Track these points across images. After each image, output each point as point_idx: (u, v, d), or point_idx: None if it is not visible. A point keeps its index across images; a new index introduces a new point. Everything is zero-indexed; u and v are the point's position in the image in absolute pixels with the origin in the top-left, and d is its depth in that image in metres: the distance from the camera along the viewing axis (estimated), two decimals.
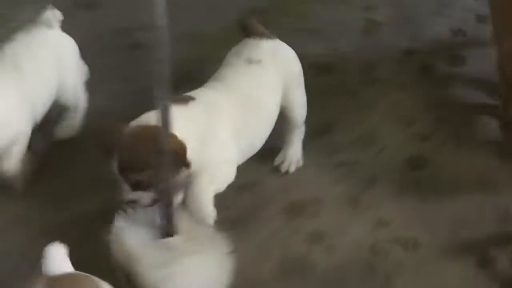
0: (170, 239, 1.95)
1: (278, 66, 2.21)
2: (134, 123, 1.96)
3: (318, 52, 2.83)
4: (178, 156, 1.89)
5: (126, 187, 1.92)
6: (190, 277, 1.92)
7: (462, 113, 2.57)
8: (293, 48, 2.70)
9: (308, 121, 2.43)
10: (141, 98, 2.07)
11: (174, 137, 1.86)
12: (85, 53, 2.51)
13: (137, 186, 1.91)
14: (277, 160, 2.31)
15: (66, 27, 2.49)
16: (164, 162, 1.79)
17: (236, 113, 2.05)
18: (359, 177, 2.33)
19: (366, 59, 2.82)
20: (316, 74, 2.71)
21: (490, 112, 2.54)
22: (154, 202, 1.92)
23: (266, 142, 2.13)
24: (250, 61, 2.17)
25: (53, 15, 2.37)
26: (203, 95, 2.11)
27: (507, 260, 1.98)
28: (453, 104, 2.62)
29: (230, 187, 2.03)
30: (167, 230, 1.93)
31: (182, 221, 2.00)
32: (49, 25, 2.35)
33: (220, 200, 2.01)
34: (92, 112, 2.50)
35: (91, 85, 2.46)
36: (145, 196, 1.93)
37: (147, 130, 1.90)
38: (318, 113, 2.52)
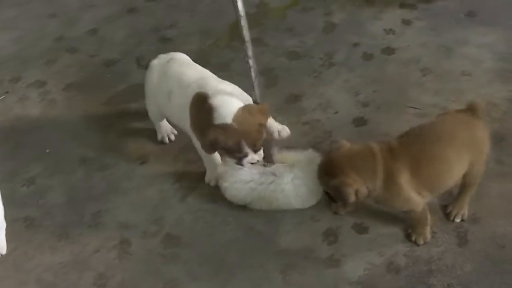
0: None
1: None
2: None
3: (291, 44, 2.98)
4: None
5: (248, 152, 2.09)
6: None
7: (392, 87, 2.70)
8: (273, 42, 2.96)
9: (283, 93, 2.63)
10: None
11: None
12: None
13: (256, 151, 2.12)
14: None
15: None
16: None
17: None
18: (320, 131, 2.50)
19: (326, 49, 2.92)
20: (290, 60, 2.87)
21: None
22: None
23: None
24: None
25: None
26: None
27: None
28: (385, 80, 2.74)
29: None
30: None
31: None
32: None
33: None
34: None
35: None
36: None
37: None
38: (291, 87, 2.70)
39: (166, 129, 2.46)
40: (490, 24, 3.06)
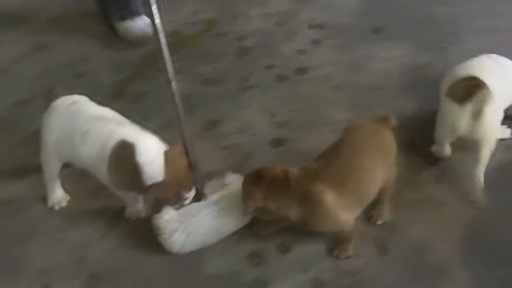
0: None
1: None
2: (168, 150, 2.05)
3: (207, 70, 3.01)
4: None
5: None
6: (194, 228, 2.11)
7: (306, 105, 2.77)
8: (188, 69, 2.97)
9: (201, 120, 2.64)
10: None
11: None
12: None
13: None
14: None
15: None
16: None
17: None
18: (239, 155, 2.52)
19: (240, 73, 2.96)
20: (206, 86, 2.88)
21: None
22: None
23: None
24: None
25: None
26: None
27: None
28: (300, 100, 2.81)
29: None
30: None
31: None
32: None
33: None
34: None
35: None
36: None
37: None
38: (209, 113, 2.71)
39: (59, 195, 2.32)
40: (395, 39, 3.20)
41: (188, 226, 2.11)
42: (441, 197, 2.37)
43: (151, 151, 2.04)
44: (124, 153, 2.03)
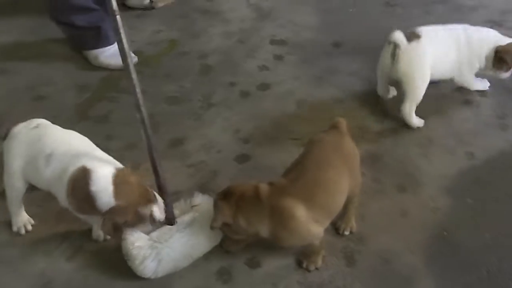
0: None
1: None
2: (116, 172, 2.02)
3: (170, 89, 3.02)
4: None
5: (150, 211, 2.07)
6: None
7: (270, 121, 2.81)
8: (152, 89, 2.98)
9: (165, 138, 2.65)
10: None
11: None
12: None
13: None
14: None
15: None
16: None
17: None
18: (205, 172, 2.53)
19: (204, 91, 2.98)
20: (169, 105, 2.89)
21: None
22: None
23: None
24: None
25: None
26: None
27: None
28: (264, 115, 2.85)
29: None
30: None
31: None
32: None
33: None
34: None
35: None
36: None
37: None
38: (173, 132, 2.72)
39: (23, 219, 2.29)
40: (355, 52, 3.28)
41: (160, 251, 2.10)
42: (404, 206, 2.41)
43: (105, 179, 2.02)
44: (81, 180, 2.03)
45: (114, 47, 3.07)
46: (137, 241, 2.09)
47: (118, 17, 1.87)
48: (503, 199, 2.47)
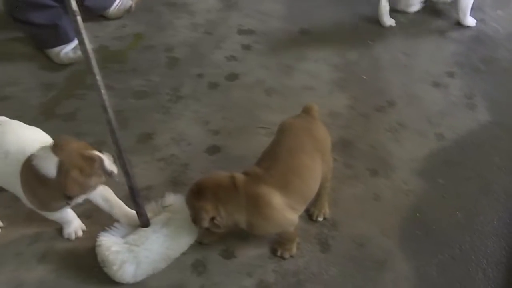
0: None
1: None
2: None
3: (137, 83, 2.98)
4: None
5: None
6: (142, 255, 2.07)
7: (240, 111, 2.80)
8: (119, 84, 2.94)
9: (134, 133, 2.63)
10: None
11: None
12: None
13: None
14: None
15: None
16: None
17: None
18: (176, 165, 2.52)
19: (171, 84, 2.95)
20: (137, 99, 2.86)
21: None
22: None
23: None
24: None
25: None
26: None
27: None
28: (233, 106, 2.85)
29: None
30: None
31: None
32: None
33: None
34: None
35: None
36: None
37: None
38: (142, 126, 2.70)
39: None
40: (323, 39, 3.31)
41: (138, 254, 2.09)
42: (377, 190, 2.45)
43: (43, 149, 2.00)
44: (28, 168, 2.01)
45: (74, 42, 3.04)
46: (113, 246, 2.08)
47: (78, 18, 1.84)
48: (474, 178, 2.51)
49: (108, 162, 2.06)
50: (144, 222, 2.15)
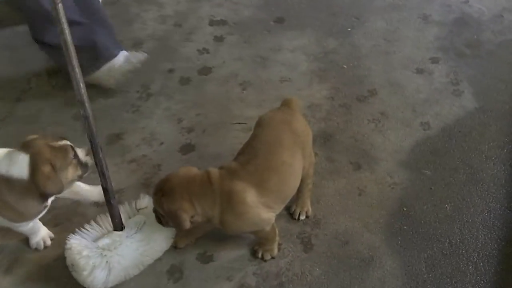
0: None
1: None
2: None
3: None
4: None
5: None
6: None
7: (214, 106, 2.79)
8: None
9: (103, 134, 2.58)
10: None
11: None
12: None
13: None
14: None
15: None
16: None
17: None
18: (148, 167, 2.49)
19: (141, 81, 2.90)
20: (105, 98, 2.82)
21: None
22: None
23: None
24: None
25: None
26: None
27: None
28: (207, 101, 2.81)
29: None
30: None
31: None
32: None
33: None
34: None
35: None
36: None
37: None
38: (111, 127, 2.68)
39: None
40: (299, 28, 3.30)
41: (110, 259, 2.06)
42: (361, 185, 2.44)
43: (10, 155, 1.96)
44: None
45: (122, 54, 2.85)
46: (84, 250, 2.05)
47: (60, 5, 1.80)
48: (461, 167, 2.52)
49: (82, 153, 2.04)
50: (117, 225, 2.11)
